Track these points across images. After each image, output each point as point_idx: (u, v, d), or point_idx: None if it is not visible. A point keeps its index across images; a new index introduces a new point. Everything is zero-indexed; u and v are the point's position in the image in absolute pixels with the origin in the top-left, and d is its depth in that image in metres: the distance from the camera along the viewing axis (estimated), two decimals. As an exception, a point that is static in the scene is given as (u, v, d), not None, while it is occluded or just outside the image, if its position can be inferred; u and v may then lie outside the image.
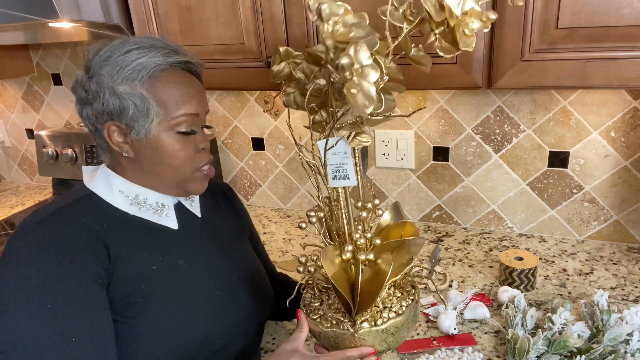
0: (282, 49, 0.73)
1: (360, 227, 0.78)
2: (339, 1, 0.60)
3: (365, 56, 0.55)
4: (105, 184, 0.76)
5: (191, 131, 0.75)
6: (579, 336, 0.88)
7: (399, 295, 0.79)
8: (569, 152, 1.27)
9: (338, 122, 0.67)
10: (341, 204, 0.76)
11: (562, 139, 1.27)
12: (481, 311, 1.02)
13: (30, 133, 2.05)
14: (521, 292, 1.07)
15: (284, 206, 1.72)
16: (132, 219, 0.75)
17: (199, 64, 0.78)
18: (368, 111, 0.57)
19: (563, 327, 0.91)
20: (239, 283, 0.85)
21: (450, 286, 1.17)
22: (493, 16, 0.58)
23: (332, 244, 0.78)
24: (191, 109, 0.74)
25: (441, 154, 1.41)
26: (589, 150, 1.25)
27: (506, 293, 1.06)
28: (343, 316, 0.74)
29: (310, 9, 0.60)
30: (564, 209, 1.34)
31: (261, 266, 0.95)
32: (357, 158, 0.76)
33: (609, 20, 0.83)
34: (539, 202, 1.35)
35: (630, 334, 0.88)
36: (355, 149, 0.76)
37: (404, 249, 0.76)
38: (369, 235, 0.77)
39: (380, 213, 0.83)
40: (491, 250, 1.33)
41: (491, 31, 0.92)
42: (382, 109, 0.63)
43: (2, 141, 2.12)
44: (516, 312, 0.97)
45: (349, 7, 0.59)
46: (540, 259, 1.27)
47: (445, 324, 0.98)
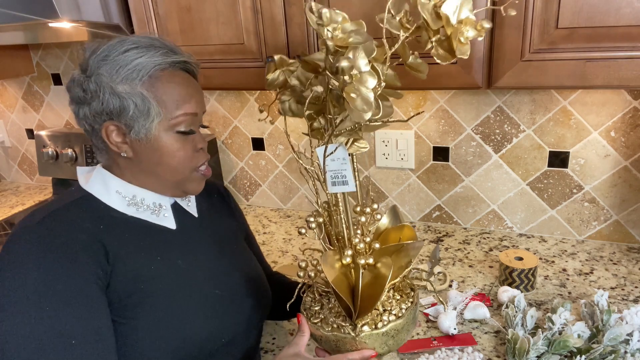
0: (277, 57, 0.73)
1: (359, 232, 0.79)
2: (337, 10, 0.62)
3: (363, 63, 0.57)
4: (101, 185, 0.76)
5: (190, 131, 0.75)
6: (579, 336, 0.88)
7: (398, 297, 0.79)
8: (569, 152, 1.27)
9: (337, 128, 0.68)
10: (340, 209, 0.77)
11: (562, 139, 1.27)
12: (481, 311, 1.02)
13: (30, 133, 2.05)
14: (521, 292, 1.07)
15: (284, 206, 1.72)
16: (130, 219, 0.75)
17: (195, 64, 0.78)
18: (366, 117, 0.58)
19: (563, 327, 0.91)
20: (238, 282, 0.85)
21: (450, 286, 1.17)
22: (487, 25, 0.60)
23: (331, 248, 0.78)
24: (191, 109, 0.74)
25: (441, 154, 1.41)
26: (589, 150, 1.25)
27: (506, 293, 1.06)
28: (344, 320, 0.75)
29: (310, 14, 0.61)
30: (564, 209, 1.34)
31: (259, 265, 0.95)
32: (355, 163, 0.77)
33: (609, 20, 0.83)
34: (539, 202, 1.35)
35: (630, 334, 0.88)
36: (354, 154, 0.76)
37: (402, 252, 0.77)
38: (367, 239, 0.78)
39: (379, 217, 0.84)
40: (491, 250, 1.33)
41: (491, 31, 0.92)
42: (380, 115, 0.64)
43: (2, 141, 2.12)
44: (516, 312, 0.97)
45: (346, 15, 0.61)
46: (540, 259, 1.27)
47: (445, 324, 0.98)
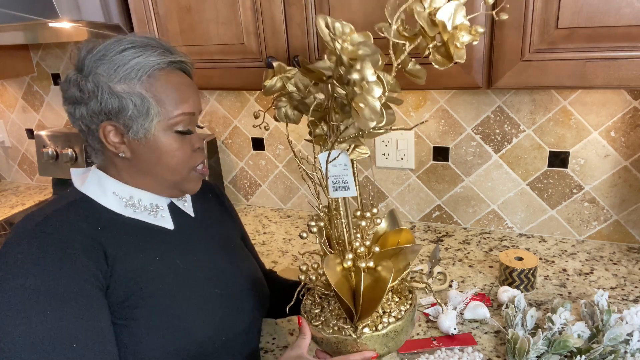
0: (275, 63, 0.74)
1: (358, 235, 0.80)
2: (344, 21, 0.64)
3: (369, 73, 0.59)
4: (98, 187, 0.75)
5: (188, 131, 0.75)
6: (579, 336, 0.88)
7: (396, 300, 0.81)
8: (569, 152, 1.27)
9: (341, 135, 0.70)
10: (341, 213, 0.78)
11: (562, 139, 1.27)
12: (481, 311, 1.02)
13: (30, 133, 2.05)
14: (521, 292, 1.07)
15: (284, 206, 1.72)
16: (127, 220, 0.75)
17: (190, 63, 0.78)
18: (372, 125, 0.61)
19: (563, 327, 0.91)
20: (237, 281, 0.85)
21: (450, 286, 1.17)
22: (481, 29, 0.62)
23: (332, 252, 0.80)
24: (189, 109, 0.74)
25: (441, 154, 1.41)
26: (589, 150, 1.25)
27: (506, 293, 1.06)
28: (345, 322, 0.76)
29: (323, 27, 0.63)
30: (564, 209, 1.34)
31: (256, 264, 0.96)
32: (355, 169, 0.78)
33: (609, 20, 0.83)
34: (539, 202, 1.35)
35: (630, 334, 0.88)
36: (354, 160, 0.78)
37: (401, 255, 0.78)
38: (367, 243, 0.79)
39: (378, 222, 0.85)
40: (491, 250, 1.33)
41: (491, 31, 0.92)
42: (384, 122, 0.66)
43: (2, 141, 2.12)
44: (516, 312, 0.97)
45: (352, 27, 0.63)
46: (540, 259, 1.27)
47: (445, 324, 0.98)
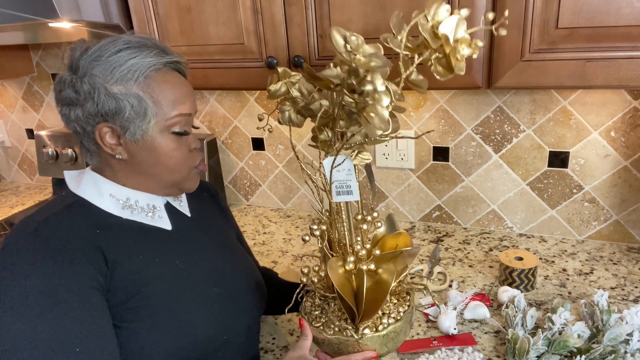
0: (280, 69, 0.76)
1: (359, 239, 0.82)
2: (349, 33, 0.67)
3: (379, 83, 0.61)
4: (94, 189, 0.74)
5: (184, 132, 0.75)
6: (579, 336, 0.88)
7: (395, 301, 0.83)
8: (569, 152, 1.27)
9: (348, 142, 0.73)
10: (343, 217, 0.80)
11: (562, 139, 1.27)
12: (481, 311, 1.02)
13: (30, 133, 2.05)
14: (521, 292, 1.07)
15: (284, 206, 1.72)
16: (125, 222, 0.74)
17: (185, 63, 0.78)
18: (379, 133, 0.63)
19: (563, 327, 0.91)
20: (236, 279, 0.86)
21: (450, 286, 1.17)
22: (480, 44, 0.65)
23: (334, 255, 0.81)
24: (185, 109, 0.74)
25: (441, 154, 1.41)
26: (589, 150, 1.25)
27: (506, 293, 1.06)
28: (346, 323, 0.79)
29: (338, 40, 0.65)
30: (564, 209, 1.34)
31: (253, 262, 0.97)
32: (356, 171, 0.81)
33: (609, 20, 0.83)
34: (539, 202, 1.35)
35: (630, 334, 0.88)
36: (357, 165, 0.80)
37: (399, 258, 0.81)
38: (368, 246, 0.82)
39: (379, 225, 0.88)
40: (491, 250, 1.33)
41: (491, 31, 0.92)
42: (390, 130, 0.69)
43: (2, 141, 2.12)
44: (516, 312, 0.97)
45: (362, 38, 0.65)
46: (540, 259, 1.27)
47: (445, 324, 0.98)
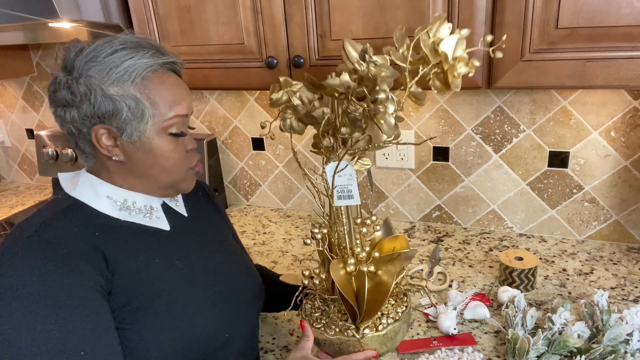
0: (282, 78, 0.78)
1: (358, 242, 0.85)
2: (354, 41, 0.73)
3: (387, 92, 0.66)
4: (91, 191, 0.74)
5: (181, 133, 0.74)
6: (579, 336, 0.88)
7: (393, 302, 0.87)
8: (569, 152, 1.27)
9: (352, 147, 0.76)
10: (343, 220, 0.84)
11: (562, 139, 1.27)
12: (481, 311, 1.02)
13: (30, 133, 2.05)
14: (521, 292, 1.07)
15: (284, 206, 1.72)
16: (124, 224, 0.74)
17: (180, 63, 0.77)
18: (384, 138, 0.68)
19: (563, 327, 0.91)
20: (235, 277, 0.86)
21: (450, 286, 1.17)
22: (477, 63, 0.69)
23: (335, 257, 0.84)
24: (182, 110, 0.73)
25: (441, 154, 1.41)
26: (589, 150, 1.25)
27: (506, 293, 1.06)
28: (347, 324, 0.82)
29: (349, 50, 0.71)
30: (564, 209, 1.34)
31: (249, 259, 0.97)
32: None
33: (609, 20, 0.83)
34: (539, 202, 1.35)
35: (630, 334, 0.88)
36: (357, 170, 0.83)
37: (397, 260, 0.84)
38: (367, 248, 0.85)
39: (378, 228, 0.91)
40: (491, 250, 1.33)
41: (491, 31, 0.92)
42: (392, 137, 0.73)
43: (2, 141, 2.12)
44: (516, 312, 0.97)
45: (372, 49, 0.70)
46: (540, 259, 1.27)
47: (445, 324, 0.98)
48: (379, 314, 0.84)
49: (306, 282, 0.85)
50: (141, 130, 0.70)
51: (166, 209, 0.81)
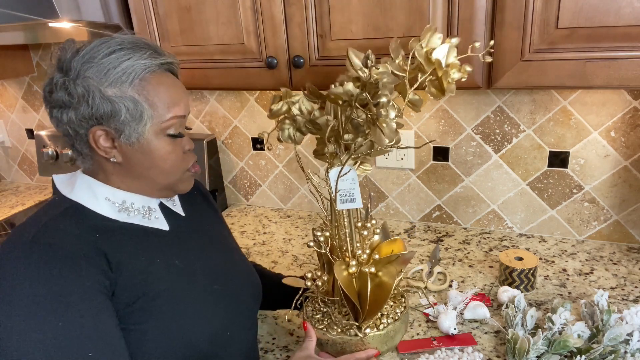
0: (283, 89, 0.82)
1: (358, 244, 0.88)
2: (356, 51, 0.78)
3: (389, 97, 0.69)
4: (89, 193, 0.73)
5: (179, 134, 0.74)
6: (579, 336, 0.88)
7: (391, 303, 0.90)
8: (569, 152, 1.27)
9: (356, 152, 0.79)
10: (345, 223, 0.86)
11: (562, 139, 1.27)
12: (481, 311, 1.02)
13: (30, 133, 2.05)
14: (521, 292, 1.07)
15: (284, 206, 1.72)
16: (123, 225, 0.74)
17: (177, 63, 0.77)
18: (386, 142, 0.71)
19: (563, 327, 0.91)
20: (234, 276, 0.87)
21: (450, 286, 1.17)
22: (469, 69, 0.75)
23: (336, 259, 0.87)
24: (180, 111, 0.73)
25: (441, 154, 1.41)
26: (589, 150, 1.25)
27: (506, 293, 1.06)
28: (349, 324, 0.85)
29: (353, 59, 0.76)
30: (564, 209, 1.34)
31: (245, 257, 0.97)
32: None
33: (609, 20, 0.83)
34: (539, 202, 1.35)
35: (630, 334, 0.88)
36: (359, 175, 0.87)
37: (395, 262, 0.87)
38: (367, 251, 0.88)
39: (378, 231, 0.94)
40: (491, 250, 1.33)
41: (491, 31, 0.92)
42: (394, 141, 0.76)
43: (2, 141, 2.12)
44: (516, 312, 0.97)
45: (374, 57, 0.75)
46: (540, 259, 1.27)
47: (445, 324, 0.98)
48: (379, 314, 0.86)
49: (309, 284, 0.87)
50: (139, 132, 0.70)
51: (163, 209, 0.81)
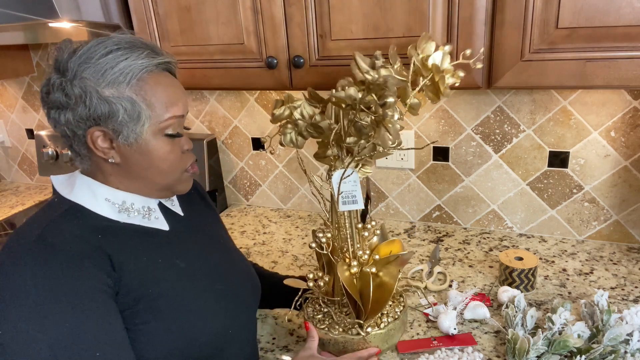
0: (285, 94, 0.83)
1: (358, 245, 0.90)
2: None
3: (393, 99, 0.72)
4: (89, 194, 0.73)
5: (178, 134, 0.74)
6: (579, 336, 0.88)
7: (390, 303, 0.93)
8: (569, 152, 1.27)
9: (359, 154, 0.81)
10: (346, 225, 0.87)
11: (562, 139, 1.27)
12: (481, 311, 1.02)
13: (30, 133, 2.05)
14: (521, 292, 1.07)
15: (284, 206, 1.72)
16: (124, 226, 0.74)
17: (175, 63, 0.76)
18: (390, 144, 0.73)
19: (563, 327, 0.91)
20: (234, 274, 0.87)
21: (450, 286, 1.17)
22: (462, 74, 0.80)
23: (338, 260, 0.88)
24: (179, 111, 0.73)
25: (441, 154, 1.41)
26: (589, 150, 1.25)
27: (506, 293, 1.06)
28: (352, 324, 0.87)
29: (360, 63, 0.79)
30: (564, 209, 1.34)
31: (243, 256, 0.98)
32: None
33: (609, 20, 0.83)
34: (539, 202, 1.35)
35: (630, 334, 0.88)
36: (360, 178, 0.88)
37: (394, 263, 0.89)
38: (368, 252, 0.89)
39: (378, 232, 0.95)
40: (491, 250, 1.33)
41: (491, 31, 0.92)
42: (396, 143, 0.78)
43: (2, 141, 2.12)
44: (516, 312, 0.97)
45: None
46: (540, 259, 1.27)
47: (445, 324, 0.98)
48: (379, 314, 0.88)
49: (311, 284, 0.88)
50: (137, 132, 0.70)
51: (162, 209, 0.81)
